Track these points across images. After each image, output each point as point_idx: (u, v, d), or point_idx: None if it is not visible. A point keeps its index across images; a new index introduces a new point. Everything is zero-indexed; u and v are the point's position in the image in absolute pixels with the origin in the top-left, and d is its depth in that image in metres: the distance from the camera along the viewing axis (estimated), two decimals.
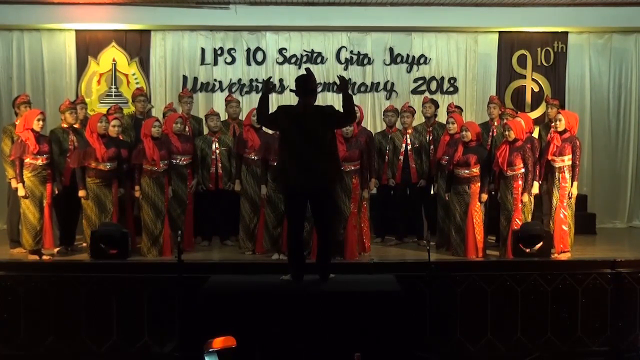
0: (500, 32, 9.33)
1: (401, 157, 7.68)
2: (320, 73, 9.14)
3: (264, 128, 7.01)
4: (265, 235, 6.97)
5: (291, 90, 5.68)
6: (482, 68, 9.38)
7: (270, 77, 5.95)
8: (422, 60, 9.35)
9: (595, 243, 7.97)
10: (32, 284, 6.18)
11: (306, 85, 5.53)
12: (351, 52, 9.33)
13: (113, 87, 9.13)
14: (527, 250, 6.66)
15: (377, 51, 9.33)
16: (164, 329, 6.04)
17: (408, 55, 9.33)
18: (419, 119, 8.16)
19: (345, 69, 9.32)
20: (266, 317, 5.24)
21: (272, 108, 5.81)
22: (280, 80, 9.24)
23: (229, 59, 9.28)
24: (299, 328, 5.22)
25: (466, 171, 6.87)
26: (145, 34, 9.16)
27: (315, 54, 9.30)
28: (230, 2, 8.84)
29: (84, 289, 6.16)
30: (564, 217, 6.94)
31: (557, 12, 9.04)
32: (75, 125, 7.38)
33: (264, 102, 5.54)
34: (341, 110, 5.54)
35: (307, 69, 5.67)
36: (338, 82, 5.58)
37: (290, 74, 9.18)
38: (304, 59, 9.27)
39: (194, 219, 7.43)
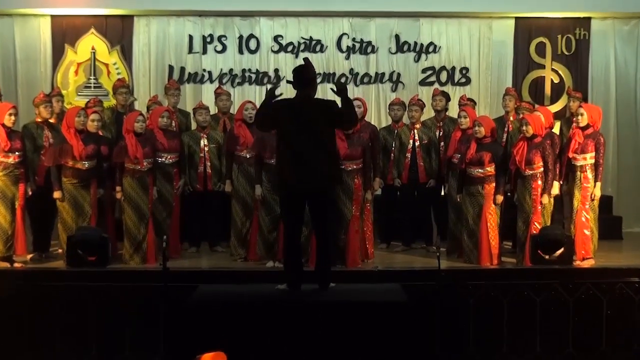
0: (516, 18, 9.33)
1: (408, 155, 7.67)
2: (320, 62, 9.15)
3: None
4: (259, 240, 6.96)
5: (288, 82, 5.67)
6: (497, 57, 9.38)
7: (274, 84, 5.95)
8: (431, 49, 9.34)
9: (621, 249, 7.97)
10: (3, 294, 6.13)
11: (304, 76, 5.53)
12: (353, 39, 9.33)
13: (92, 78, 9.13)
14: (547, 257, 6.66)
15: (382, 38, 9.32)
16: (147, 344, 6.01)
17: (416, 43, 9.33)
18: (428, 113, 8.17)
19: (347, 58, 9.34)
20: (260, 330, 5.22)
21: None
22: (276, 71, 9.26)
23: (219, 47, 9.28)
24: (296, 342, 5.20)
25: (480, 170, 6.87)
26: (127, 20, 9.16)
27: (314, 42, 9.30)
28: None
29: (60, 300, 6.11)
30: (586, 220, 6.93)
31: None
32: (50, 120, 7.38)
33: (266, 105, 5.55)
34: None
35: (306, 59, 5.68)
36: (335, 87, 5.58)
37: (286, 64, 9.19)
38: (302, 47, 9.28)
39: (180, 223, 7.44)
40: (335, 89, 5.59)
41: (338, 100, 5.66)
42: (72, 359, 6.11)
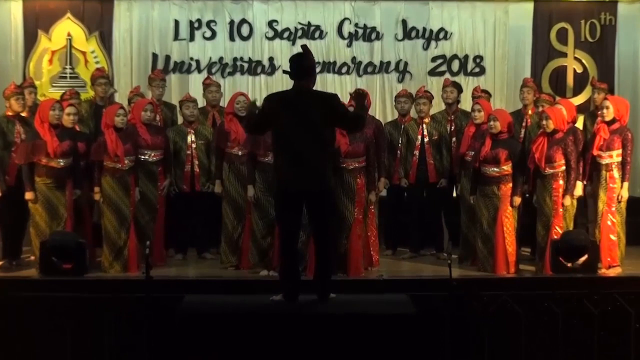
0: (536, 1, 9.34)
1: (416, 152, 7.70)
2: (319, 50, 9.15)
3: None
4: (252, 246, 6.98)
5: (284, 72, 5.67)
6: (514, 45, 9.39)
7: (255, 100, 6.01)
8: (441, 35, 9.35)
9: None
10: None
11: (302, 66, 5.54)
12: (356, 25, 9.34)
13: (68, 67, 9.13)
14: (569, 264, 6.67)
15: (388, 24, 9.34)
16: (129, 359, 6.01)
17: (425, 29, 9.34)
18: (438, 106, 8.19)
19: (349, 45, 9.35)
20: (253, 346, 5.22)
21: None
22: (270, 59, 9.27)
23: (208, 34, 9.29)
24: (292, 358, 5.19)
25: (495, 169, 6.88)
26: (106, 4, 9.17)
27: (312, 28, 9.31)
28: None
29: (33, 311, 6.11)
30: (612, 224, 6.95)
31: None
32: (22, 114, 7.38)
33: (250, 117, 5.66)
34: (347, 103, 5.57)
35: (304, 46, 5.69)
36: (354, 93, 5.74)
37: (282, 52, 9.20)
38: (299, 33, 9.28)
39: (165, 228, 7.46)
40: (353, 94, 5.69)
41: (340, 94, 5.70)
42: None
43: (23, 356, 6.10)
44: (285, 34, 9.31)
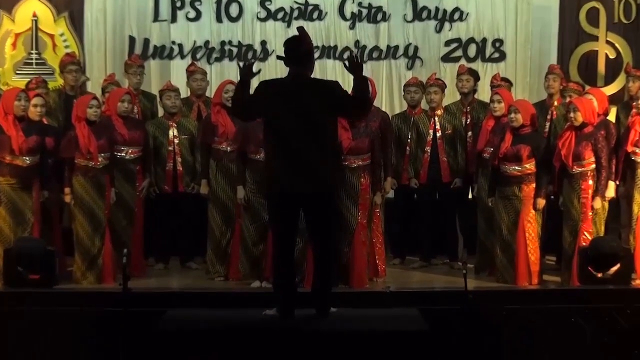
0: None
1: (428, 149, 7.74)
2: (318, 33, 9.20)
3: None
4: (242, 255, 7.02)
5: (278, 57, 5.70)
6: (539, 27, 9.42)
7: (252, 61, 5.95)
8: (456, 16, 9.39)
9: None
10: None
11: (299, 50, 5.55)
12: (359, 4, 9.37)
13: (34, 52, 9.18)
14: (599, 274, 6.71)
15: (395, 3, 9.37)
16: None
17: (437, 9, 9.37)
18: (452, 96, 8.22)
19: (352, 27, 9.38)
20: None
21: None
22: (263, 43, 9.30)
23: (192, 14, 9.32)
24: None
25: (516, 167, 6.93)
26: None
27: (310, 7, 9.34)
28: None
29: None
30: None
31: None
32: None
33: (241, 90, 5.56)
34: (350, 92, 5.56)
35: (300, 28, 5.71)
36: (346, 60, 5.59)
37: (276, 35, 9.25)
38: (295, 13, 9.33)
39: (144, 234, 7.48)
40: (347, 65, 5.54)
41: (342, 83, 5.71)
42: None
43: None
44: (280, 15, 9.34)
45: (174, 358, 5.31)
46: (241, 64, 5.65)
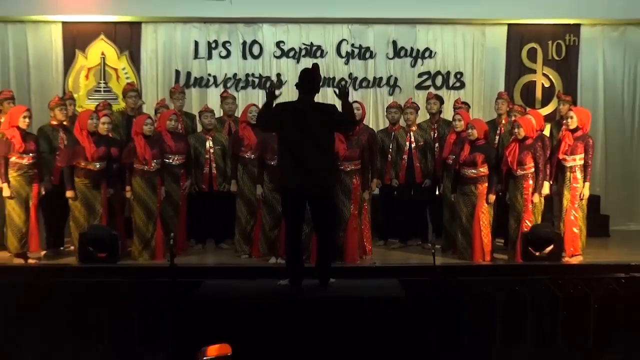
0: (509, 25, 9.34)
1: (405, 156, 7.70)
2: (320, 67, 9.07)
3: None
4: (262, 238, 7.00)
5: (296, 86, 5.62)
6: (490, 62, 9.40)
7: (272, 83, 5.90)
8: (427, 54, 9.36)
9: (608, 246, 7.99)
10: (17, 289, 6.18)
11: (312, 82, 5.54)
12: (352, 45, 9.35)
13: (102, 82, 9.15)
14: (537, 253, 6.69)
15: (380, 44, 9.34)
16: (156, 337, 6.04)
17: (412, 49, 9.35)
18: (423, 116, 8.18)
19: (346, 63, 9.36)
20: (263, 323, 5.24)
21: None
22: (278, 75, 9.26)
23: (223, 53, 9.30)
24: (297, 335, 5.22)
25: (473, 171, 6.91)
26: (135, 26, 9.18)
27: (314, 47, 9.32)
28: None
29: (72, 295, 6.14)
30: (574, 219, 6.97)
31: (569, 3, 9.05)
32: (65, 123, 7.40)
33: (266, 108, 5.56)
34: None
35: (315, 64, 5.70)
36: (336, 89, 5.56)
37: (288, 68, 9.22)
38: (303, 52, 9.30)
39: (187, 221, 7.46)
40: (337, 92, 5.57)
41: (338, 103, 5.69)
42: (84, 352, 6.15)
43: (64, 333, 6.13)
44: (291, 53, 9.31)
45: (210, 316, 5.28)
46: (267, 85, 5.63)
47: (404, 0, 8.99)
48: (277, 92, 5.59)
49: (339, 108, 5.63)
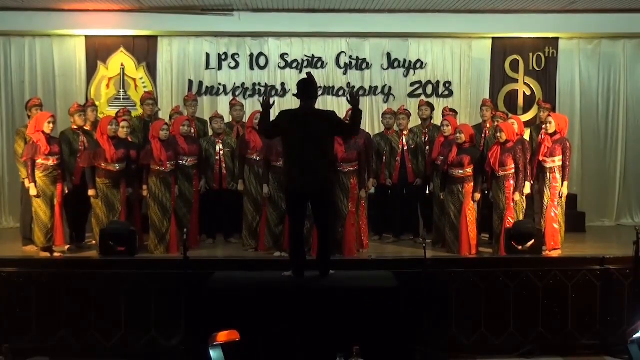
0: (493, 38, 9.33)
1: (398, 158, 7.67)
2: (321, 77, 9.14)
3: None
4: (267, 233, 6.98)
5: (294, 95, 5.67)
6: (476, 72, 9.39)
7: (265, 96, 5.88)
8: (418, 65, 9.35)
9: (584, 241, 7.96)
10: (44, 280, 6.19)
11: (308, 89, 5.52)
12: (350, 57, 9.34)
13: (121, 90, 9.15)
14: (519, 247, 6.65)
15: (375, 56, 9.33)
16: (170, 323, 6.05)
17: (405, 60, 9.34)
18: (415, 121, 8.17)
19: (345, 73, 9.34)
20: (268, 311, 5.24)
21: (274, 116, 5.73)
22: (282, 84, 9.27)
23: (232, 64, 9.29)
24: (300, 322, 5.22)
25: (460, 171, 6.88)
26: (152, 40, 9.17)
27: (315, 59, 9.31)
28: (234, 9, 8.84)
29: (93, 285, 6.17)
30: (554, 215, 6.94)
31: (549, 18, 9.04)
32: (85, 127, 7.40)
33: (265, 116, 5.53)
34: (343, 118, 5.52)
35: (309, 74, 5.68)
36: (348, 95, 5.53)
37: (291, 79, 9.20)
38: (305, 63, 9.28)
39: (199, 218, 7.43)
40: (349, 98, 5.50)
41: (342, 109, 5.66)
42: (104, 337, 6.16)
43: (86, 319, 6.14)
44: (294, 64, 9.30)
45: (220, 305, 5.28)
46: (261, 99, 5.62)
47: (398, 16, 8.98)
48: (271, 102, 5.57)
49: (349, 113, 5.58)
